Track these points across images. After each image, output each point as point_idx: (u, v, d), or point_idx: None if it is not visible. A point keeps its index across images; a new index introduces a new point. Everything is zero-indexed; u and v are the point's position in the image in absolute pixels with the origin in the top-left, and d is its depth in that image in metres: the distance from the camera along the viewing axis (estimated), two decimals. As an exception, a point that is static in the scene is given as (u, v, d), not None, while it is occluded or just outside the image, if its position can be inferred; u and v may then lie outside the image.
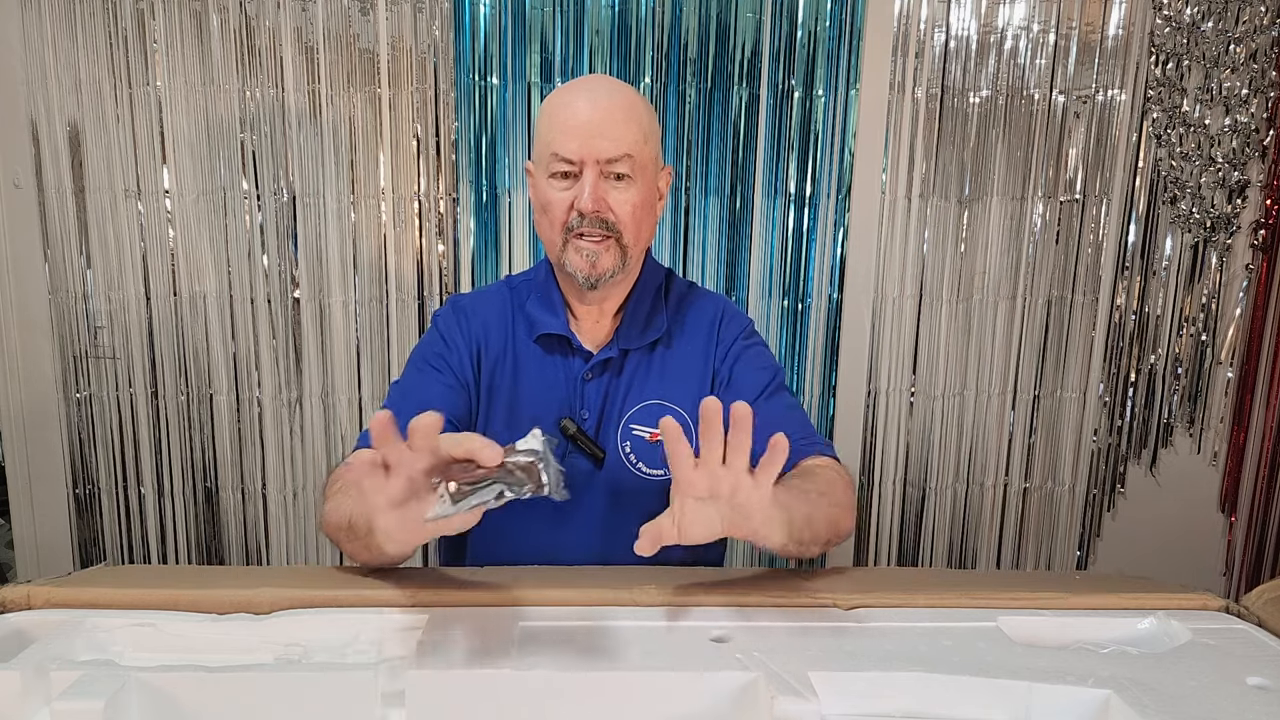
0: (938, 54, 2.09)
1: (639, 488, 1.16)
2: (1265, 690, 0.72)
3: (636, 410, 1.17)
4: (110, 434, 2.19)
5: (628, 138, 1.08)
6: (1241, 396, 2.25)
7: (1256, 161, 2.14)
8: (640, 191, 1.11)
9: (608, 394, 1.17)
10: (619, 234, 1.10)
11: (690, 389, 1.18)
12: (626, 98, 1.10)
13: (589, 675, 0.72)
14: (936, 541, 2.32)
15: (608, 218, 1.09)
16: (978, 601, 0.89)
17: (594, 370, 1.17)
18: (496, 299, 1.23)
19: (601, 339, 1.19)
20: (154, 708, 0.70)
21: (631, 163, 1.08)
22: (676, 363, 1.19)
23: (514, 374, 1.18)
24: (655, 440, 1.15)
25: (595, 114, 1.07)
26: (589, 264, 1.10)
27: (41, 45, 2.01)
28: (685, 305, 1.23)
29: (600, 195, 1.08)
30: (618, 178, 1.09)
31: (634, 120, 1.09)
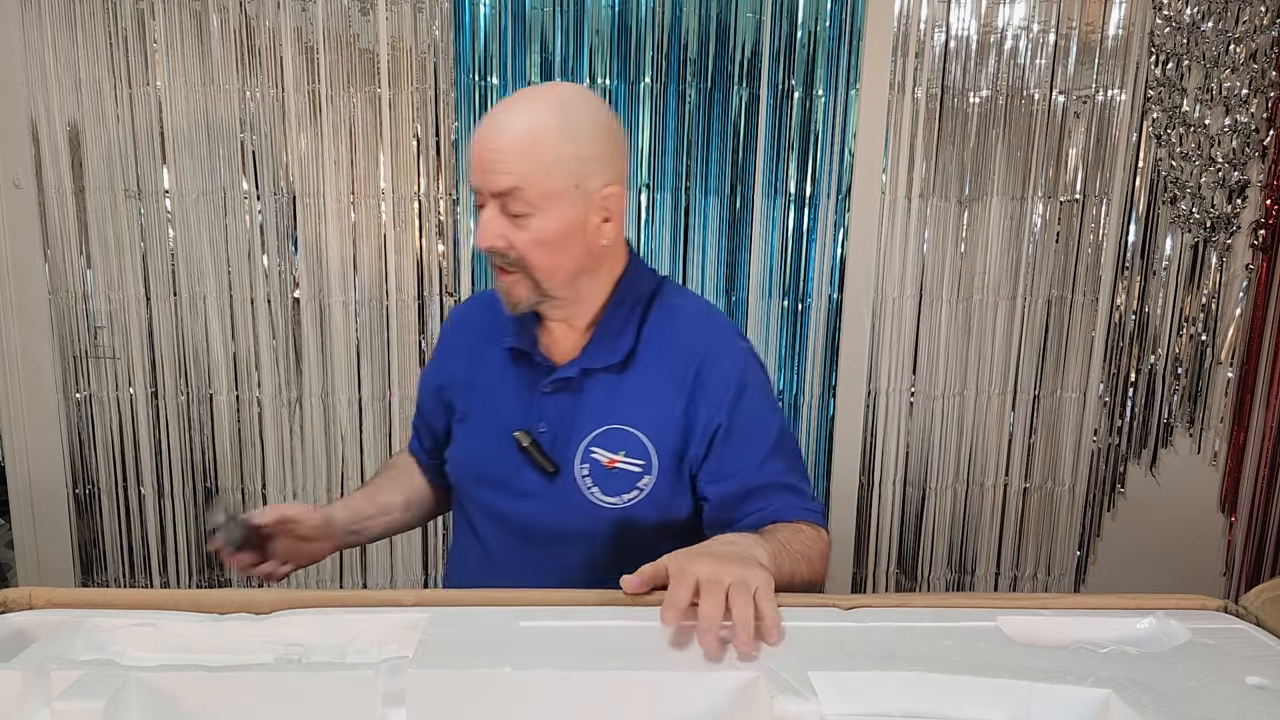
0: (938, 54, 2.09)
1: (586, 509, 1.11)
2: (1264, 690, 0.73)
3: (598, 434, 1.12)
4: (110, 434, 2.19)
5: (520, 170, 1.01)
6: (1241, 396, 2.25)
7: (1256, 161, 2.14)
8: (547, 224, 1.03)
9: (568, 411, 1.13)
10: (526, 269, 1.05)
11: (662, 417, 1.11)
12: (534, 124, 1.02)
13: (589, 675, 0.72)
14: (936, 542, 2.32)
15: (508, 254, 1.04)
16: (978, 601, 0.89)
17: (555, 385, 1.13)
18: (487, 304, 1.22)
19: (569, 353, 1.14)
20: (154, 708, 0.70)
21: (527, 197, 1.02)
22: (647, 387, 1.12)
23: (487, 380, 1.18)
24: (613, 466, 1.11)
25: (491, 144, 1.02)
26: (505, 294, 1.09)
27: (41, 45, 2.01)
28: (666, 328, 1.14)
29: (497, 231, 1.03)
30: (516, 214, 1.03)
31: (529, 152, 1.01)
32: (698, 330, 1.16)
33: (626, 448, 1.11)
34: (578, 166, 1.04)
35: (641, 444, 1.11)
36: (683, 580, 0.79)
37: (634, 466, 1.11)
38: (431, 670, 0.71)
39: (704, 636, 0.75)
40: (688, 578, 0.80)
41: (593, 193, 1.06)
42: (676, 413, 1.11)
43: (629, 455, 1.11)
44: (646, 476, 1.11)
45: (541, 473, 1.13)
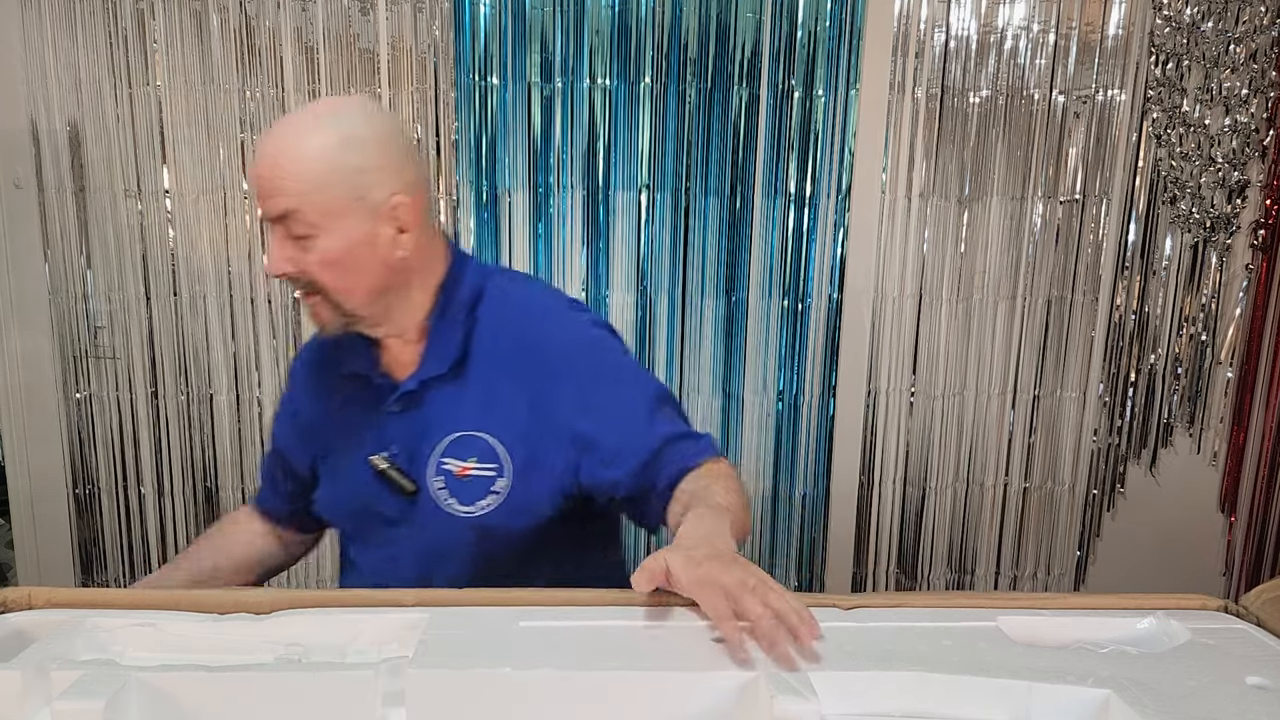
0: (938, 54, 2.09)
1: (446, 523, 1.09)
2: (1264, 690, 0.73)
3: (448, 443, 1.09)
4: (110, 434, 2.19)
5: (294, 191, 0.98)
6: (1241, 396, 2.25)
7: (1256, 161, 2.14)
8: (333, 243, 1.00)
9: (415, 426, 1.10)
10: (321, 290, 1.03)
11: (508, 416, 1.09)
12: (301, 144, 0.99)
13: (589, 675, 0.72)
14: (936, 541, 2.32)
15: (297, 277, 1.02)
16: (977, 601, 0.89)
17: (400, 403, 1.11)
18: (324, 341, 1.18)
19: (409, 366, 1.12)
20: (154, 708, 0.70)
21: (304, 218, 0.99)
22: (487, 387, 1.10)
23: (333, 411, 1.16)
24: (465, 475, 1.08)
25: (263, 169, 1.00)
26: (311, 316, 1.07)
27: (41, 45, 2.01)
28: (499, 325, 1.12)
29: (284, 257, 1.01)
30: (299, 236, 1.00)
31: (300, 172, 0.99)
32: (531, 320, 1.13)
33: (476, 454, 1.09)
34: (357, 179, 1.01)
35: (490, 447, 1.08)
36: (714, 592, 0.78)
37: (486, 471, 1.08)
38: (431, 670, 0.71)
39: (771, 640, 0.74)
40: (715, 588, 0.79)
41: (379, 205, 1.03)
42: (522, 410, 1.09)
43: (480, 461, 1.08)
44: (500, 480, 1.08)
45: (402, 494, 1.10)
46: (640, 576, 0.83)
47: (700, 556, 0.84)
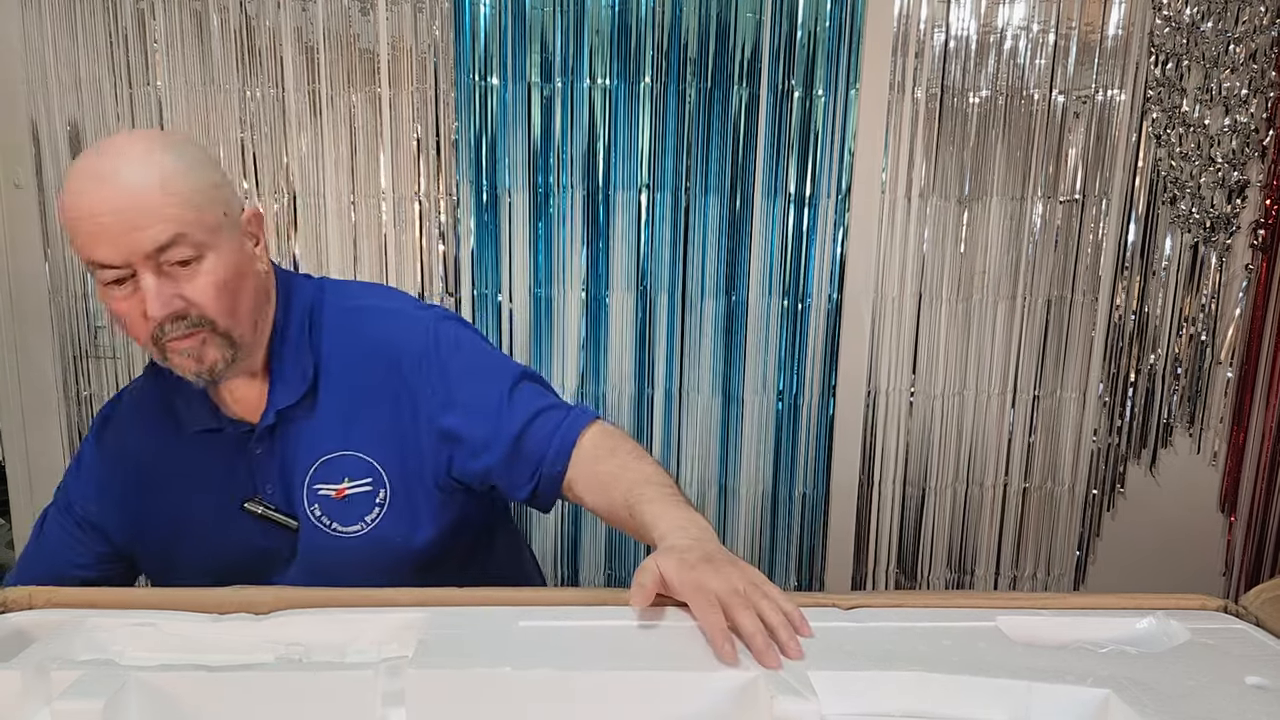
0: (937, 54, 2.09)
1: (337, 548, 1.07)
2: (1264, 690, 0.73)
3: (316, 468, 1.06)
4: (110, 434, 2.19)
5: (169, 215, 0.90)
6: (1241, 396, 2.25)
7: (1256, 161, 2.14)
8: (219, 263, 0.95)
9: (283, 460, 1.06)
10: (209, 323, 0.95)
11: (371, 430, 1.06)
12: (153, 167, 0.91)
13: (589, 675, 0.72)
14: (936, 541, 2.32)
15: (188, 313, 0.94)
16: (977, 601, 0.89)
17: (261, 441, 1.06)
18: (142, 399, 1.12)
19: (258, 402, 1.06)
20: (154, 708, 0.70)
21: (189, 241, 0.91)
22: (347, 404, 1.06)
23: (181, 472, 1.08)
24: (343, 496, 1.06)
25: (118, 205, 0.88)
26: (195, 361, 0.96)
27: (41, 45, 2.01)
28: (340, 334, 1.08)
29: (170, 294, 0.92)
30: (182, 264, 0.92)
31: (171, 192, 0.91)
32: (377, 326, 1.09)
33: (349, 473, 1.06)
34: (217, 194, 0.96)
35: (362, 462, 1.06)
36: (709, 602, 0.79)
37: (363, 487, 1.06)
38: (431, 670, 0.71)
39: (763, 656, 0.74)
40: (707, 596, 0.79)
41: (238, 218, 0.99)
42: (386, 420, 1.06)
43: (353, 479, 1.06)
44: (382, 490, 1.07)
45: (284, 532, 1.07)
46: (637, 594, 0.82)
47: (693, 560, 0.84)
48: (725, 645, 0.75)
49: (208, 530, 1.10)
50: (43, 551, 1.17)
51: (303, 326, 1.06)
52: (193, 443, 1.08)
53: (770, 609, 0.79)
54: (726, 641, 0.75)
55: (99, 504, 1.14)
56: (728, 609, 0.78)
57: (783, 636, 0.77)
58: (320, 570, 1.06)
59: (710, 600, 0.79)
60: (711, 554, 0.86)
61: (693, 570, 0.83)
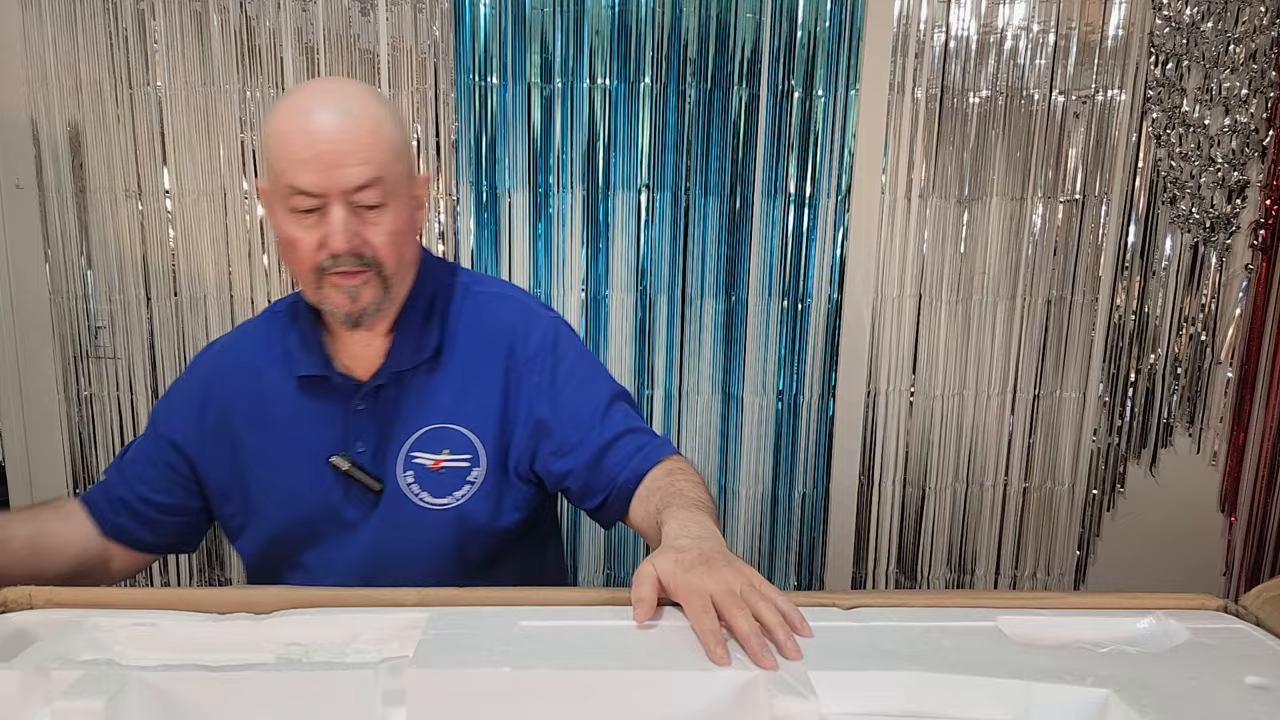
0: (937, 54, 2.09)
1: (419, 519, 1.09)
2: (1264, 689, 0.73)
3: (419, 436, 1.08)
4: (110, 434, 2.19)
5: (376, 159, 0.96)
6: (1241, 396, 2.25)
7: (1256, 161, 2.14)
8: (397, 215, 1.00)
9: (383, 423, 1.08)
10: (378, 266, 1.00)
11: (481, 407, 1.09)
12: (369, 111, 0.97)
13: (589, 675, 0.72)
14: (936, 542, 2.32)
15: (363, 252, 0.98)
16: (977, 601, 0.89)
17: (366, 399, 1.08)
18: (254, 336, 1.15)
19: (372, 363, 1.09)
20: (154, 708, 0.70)
21: (383, 187, 0.97)
22: (462, 379, 1.10)
23: (281, 414, 1.10)
24: (439, 467, 1.08)
25: (335, 137, 0.94)
26: (349, 300, 1.01)
27: (41, 45, 2.01)
28: (470, 315, 1.12)
29: (353, 231, 0.97)
30: (368, 207, 0.97)
31: (381, 137, 0.97)
32: (501, 312, 1.14)
33: (450, 445, 1.09)
34: (407, 151, 1.03)
35: (464, 438, 1.09)
36: (703, 604, 0.79)
37: (460, 462, 1.09)
38: (431, 670, 0.71)
39: (758, 658, 0.74)
40: (703, 599, 0.79)
41: (415, 179, 1.05)
42: (495, 402, 1.09)
43: (453, 452, 1.09)
44: (475, 469, 1.09)
45: (366, 493, 1.08)
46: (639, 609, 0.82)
47: (689, 560, 0.84)
48: (717, 650, 0.75)
49: (287, 476, 1.10)
50: (124, 476, 1.15)
51: (433, 300, 1.10)
52: (296, 387, 1.10)
53: (767, 609, 0.79)
54: (718, 646, 0.75)
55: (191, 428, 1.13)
56: (723, 611, 0.78)
57: (779, 637, 0.76)
58: (391, 539, 1.08)
59: (705, 603, 0.79)
60: (709, 555, 0.86)
61: (688, 572, 0.82)
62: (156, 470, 1.14)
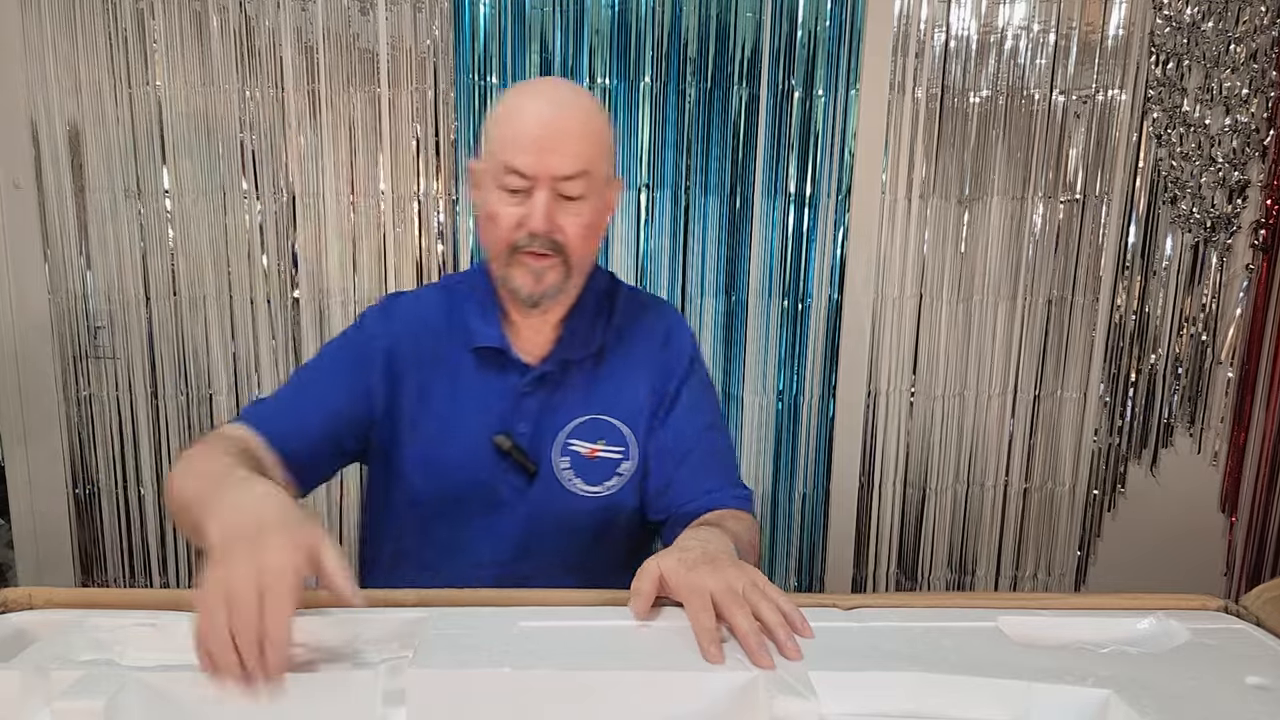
0: (938, 54, 2.09)
1: (571, 505, 1.13)
2: (1264, 690, 0.73)
3: (577, 425, 1.13)
4: (110, 434, 2.19)
5: (586, 154, 1.02)
6: (1241, 396, 2.25)
7: (1256, 161, 2.14)
8: (592, 210, 1.06)
9: (546, 408, 1.13)
10: (566, 254, 1.05)
11: (634, 402, 1.15)
12: (587, 110, 1.05)
13: (589, 675, 0.72)
14: (936, 542, 2.32)
15: (557, 238, 1.04)
16: (977, 601, 0.89)
17: (531, 384, 1.13)
18: (432, 303, 1.18)
19: (541, 349, 1.14)
20: (154, 708, 0.70)
21: (587, 181, 1.03)
22: (620, 375, 1.15)
23: (449, 383, 1.13)
24: (594, 456, 1.13)
25: (554, 126, 1.01)
26: (534, 280, 1.05)
27: (41, 45, 2.01)
28: (630, 316, 1.19)
29: (552, 216, 1.02)
30: (569, 198, 1.03)
31: (593, 135, 1.04)
32: (656, 315, 1.21)
33: (605, 436, 1.13)
34: (611, 155, 1.10)
35: (619, 431, 1.14)
36: (702, 602, 0.79)
37: (614, 453, 1.13)
38: (431, 670, 0.71)
39: (756, 656, 0.74)
40: (703, 597, 0.79)
41: (611, 184, 1.11)
42: (645, 401, 1.15)
43: (608, 444, 1.13)
44: (626, 462, 1.14)
45: (522, 474, 1.12)
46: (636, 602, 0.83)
47: (692, 560, 0.84)
48: (711, 648, 0.75)
49: (449, 443, 1.12)
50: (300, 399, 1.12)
51: (601, 298, 1.17)
52: (470, 360, 1.13)
53: (768, 609, 0.79)
54: (713, 644, 0.75)
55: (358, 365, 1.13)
56: (723, 608, 0.78)
57: (780, 636, 0.77)
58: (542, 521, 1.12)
59: (705, 601, 0.79)
60: (714, 555, 0.86)
61: (691, 570, 0.83)
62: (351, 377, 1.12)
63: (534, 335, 1.14)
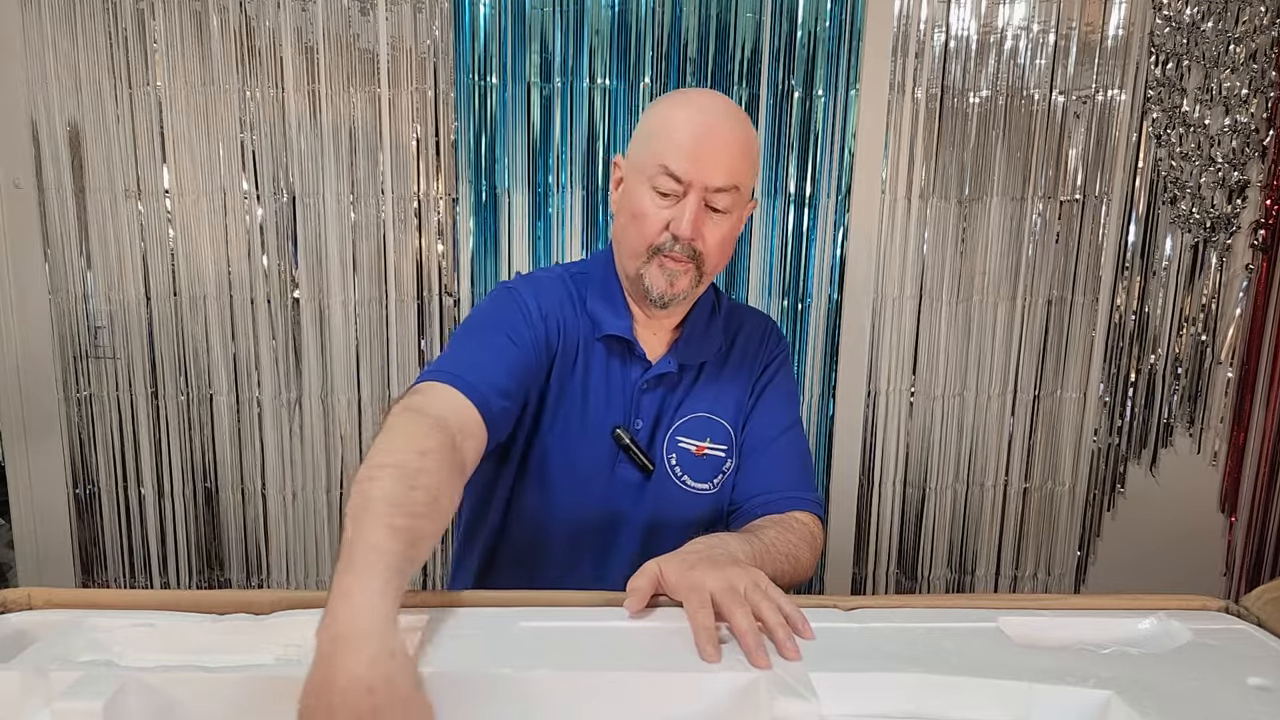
0: (938, 54, 2.09)
1: (682, 500, 1.15)
2: (1265, 690, 0.73)
3: (684, 423, 1.16)
4: (110, 434, 2.19)
5: (739, 170, 1.05)
6: (1241, 396, 2.25)
7: (1256, 161, 2.14)
8: (733, 224, 1.08)
9: (662, 406, 1.16)
10: (701, 262, 1.07)
11: (735, 402, 1.18)
12: (746, 129, 1.08)
13: (589, 675, 0.72)
14: (936, 542, 2.32)
15: (697, 246, 1.06)
16: (978, 602, 0.89)
17: (650, 382, 1.15)
18: (563, 286, 1.16)
19: (658, 349, 1.16)
20: (154, 708, 0.70)
21: (735, 195, 1.06)
22: (724, 378, 1.19)
23: (584, 371, 1.13)
24: (702, 454, 1.15)
25: (715, 138, 1.03)
26: (668, 283, 1.07)
27: (41, 45, 2.01)
28: (736, 322, 1.23)
29: (698, 224, 1.04)
30: (714, 209, 1.06)
31: (748, 154, 1.07)
32: (756, 320, 1.26)
33: (712, 435, 1.16)
34: (756, 176, 1.13)
35: (725, 430, 1.17)
36: (701, 601, 0.79)
37: (719, 451, 1.17)
38: (431, 670, 0.71)
39: (754, 655, 0.74)
40: (701, 595, 0.79)
41: (749, 203, 1.13)
42: (745, 402, 1.19)
43: (714, 442, 1.16)
44: (729, 461, 1.17)
45: (639, 470, 1.14)
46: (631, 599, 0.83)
47: (694, 560, 0.84)
48: (708, 647, 0.75)
49: (577, 427, 1.13)
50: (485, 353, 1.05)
51: (713, 309, 1.21)
52: (599, 347, 1.14)
53: (769, 609, 0.79)
54: (709, 643, 0.75)
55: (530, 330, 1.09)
56: (723, 607, 0.78)
57: (779, 636, 0.77)
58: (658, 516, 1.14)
59: (703, 599, 0.79)
60: (716, 557, 0.86)
61: (692, 570, 0.83)
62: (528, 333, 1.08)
63: (652, 336, 1.16)
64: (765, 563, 0.96)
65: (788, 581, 1.01)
